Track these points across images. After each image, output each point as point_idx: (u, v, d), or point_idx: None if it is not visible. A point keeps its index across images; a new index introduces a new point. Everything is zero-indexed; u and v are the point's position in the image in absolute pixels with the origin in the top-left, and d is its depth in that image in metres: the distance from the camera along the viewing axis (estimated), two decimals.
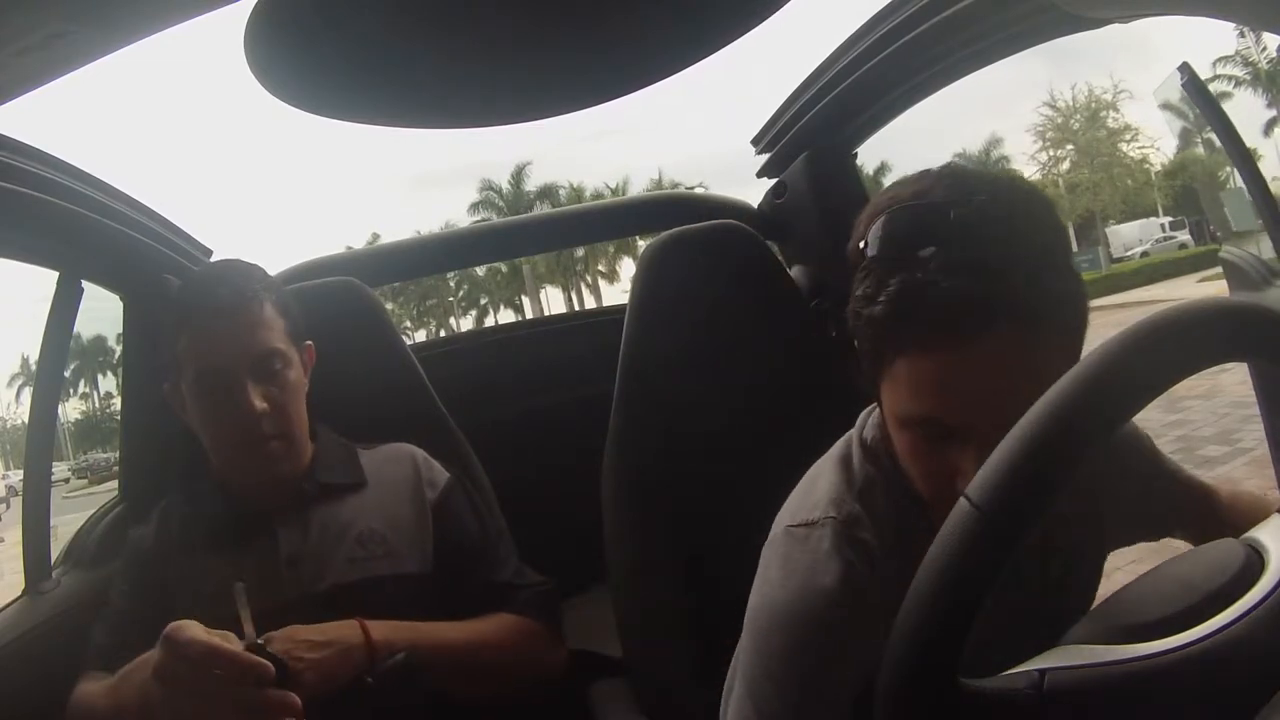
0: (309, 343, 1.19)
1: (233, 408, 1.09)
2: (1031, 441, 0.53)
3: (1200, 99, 1.52)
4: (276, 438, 1.11)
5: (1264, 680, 0.48)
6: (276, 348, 1.12)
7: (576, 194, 35.84)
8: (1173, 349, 0.55)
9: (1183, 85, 1.50)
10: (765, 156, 1.70)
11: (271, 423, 1.10)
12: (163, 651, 0.90)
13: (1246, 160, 1.64)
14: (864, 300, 0.71)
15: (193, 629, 0.90)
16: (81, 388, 35.11)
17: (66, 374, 2.31)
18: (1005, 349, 0.65)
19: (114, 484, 1.51)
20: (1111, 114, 28.84)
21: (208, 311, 1.10)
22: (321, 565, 1.11)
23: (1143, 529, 0.96)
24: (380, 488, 1.19)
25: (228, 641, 0.91)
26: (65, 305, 1.33)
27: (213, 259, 1.53)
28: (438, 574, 1.16)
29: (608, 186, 36.57)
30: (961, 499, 0.55)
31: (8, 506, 16.37)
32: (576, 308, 31.55)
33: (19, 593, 1.28)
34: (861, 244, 0.73)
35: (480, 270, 36.78)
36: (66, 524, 1.79)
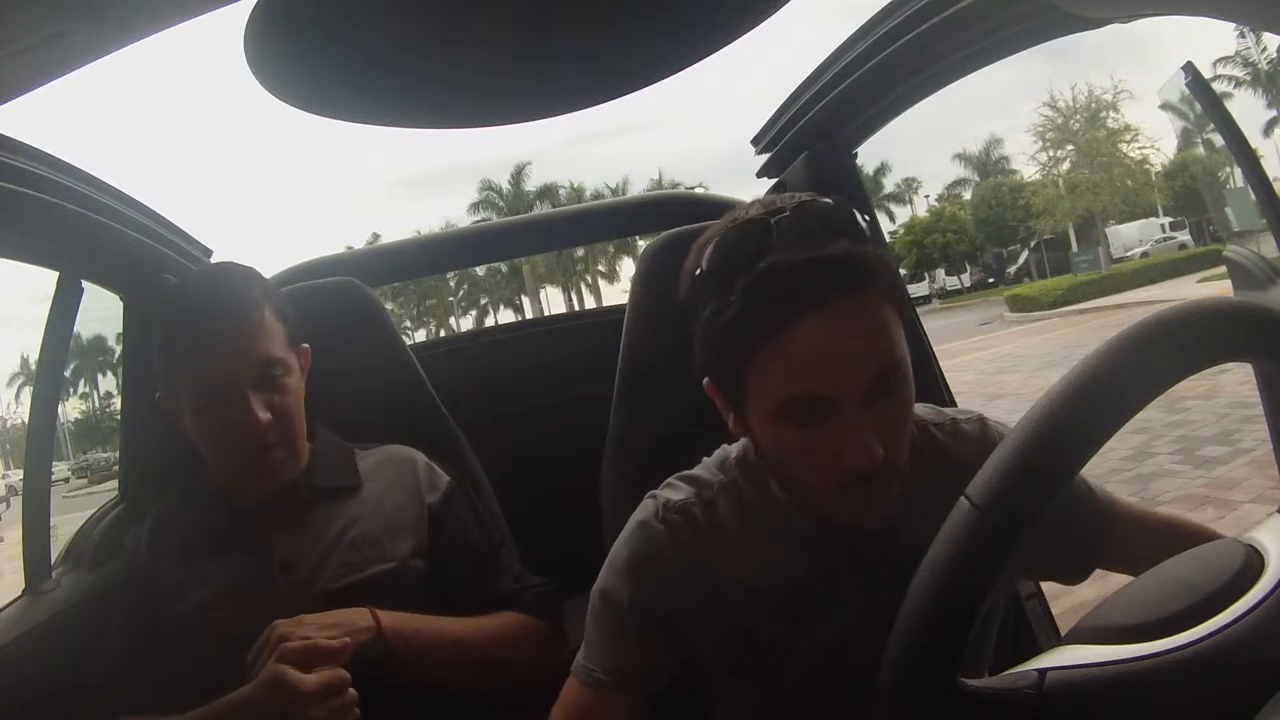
0: (305, 345, 1.19)
1: (237, 420, 1.07)
2: (1031, 441, 0.53)
3: (1204, 99, 1.51)
4: (279, 445, 1.11)
5: (1264, 680, 0.48)
6: (278, 356, 1.11)
7: (576, 194, 35.86)
8: (1173, 349, 0.55)
9: (1186, 85, 1.49)
10: (765, 156, 1.70)
11: (275, 432, 1.09)
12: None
13: (1251, 160, 1.63)
14: (715, 314, 0.76)
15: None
16: (81, 388, 35.14)
17: (66, 374, 2.31)
18: (848, 313, 0.73)
19: (114, 484, 1.51)
20: (1111, 114, 28.80)
21: (206, 320, 1.08)
22: (315, 569, 1.11)
23: (1054, 571, 0.95)
24: (377, 491, 1.18)
25: None
26: (65, 305, 1.33)
27: (212, 259, 1.53)
28: (435, 578, 1.16)
29: (608, 186, 36.61)
30: (962, 499, 0.55)
31: (8, 506, 16.37)
32: (576, 308, 31.55)
33: (19, 593, 1.27)
34: (697, 271, 0.79)
35: (480, 270, 36.81)
36: (66, 524, 1.79)
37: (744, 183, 1.95)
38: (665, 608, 0.85)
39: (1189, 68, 1.44)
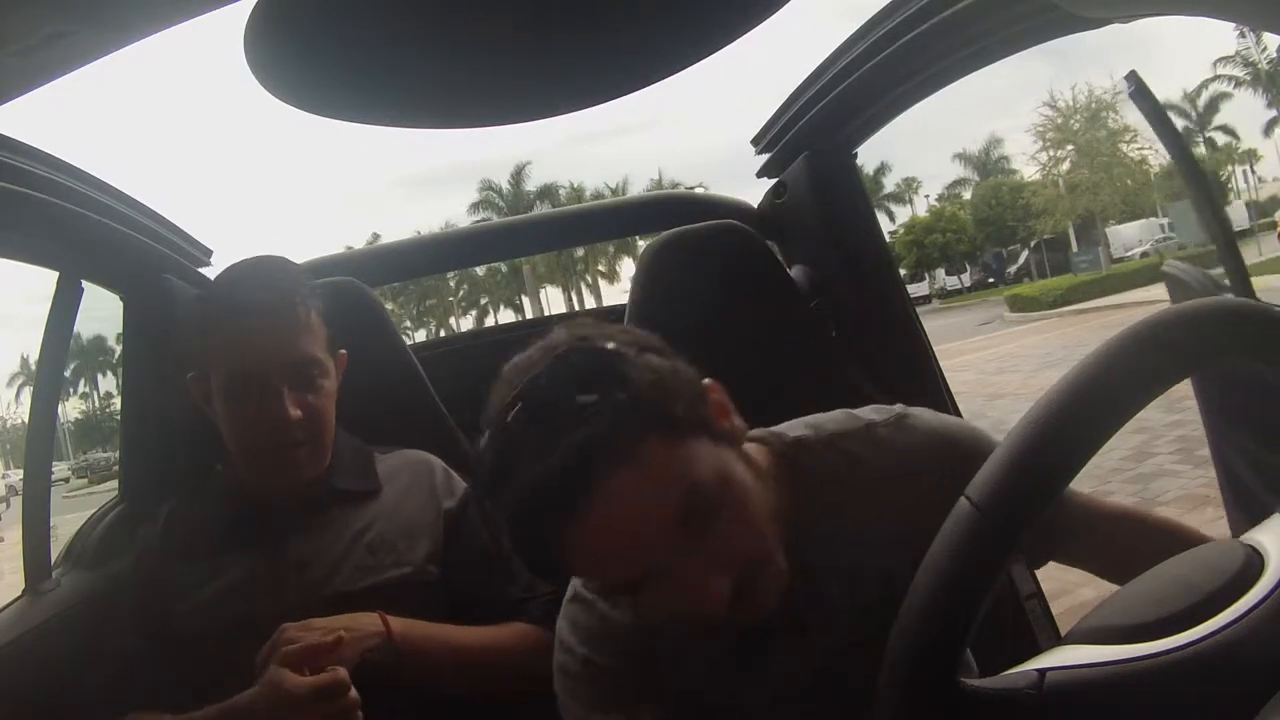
0: (342, 351, 1.18)
1: (266, 413, 1.07)
2: (1030, 441, 0.53)
3: (1148, 109, 1.50)
4: (306, 444, 1.11)
5: (1264, 680, 0.48)
6: (317, 356, 1.11)
7: (576, 194, 35.87)
8: (1173, 349, 0.55)
9: (1130, 95, 1.48)
10: (765, 156, 1.70)
11: (303, 430, 1.10)
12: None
13: (1196, 173, 1.59)
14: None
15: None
16: (81, 388, 35.13)
17: (66, 374, 2.31)
18: (599, 508, 0.66)
19: (114, 484, 1.51)
20: (1111, 114, 28.76)
21: (252, 309, 1.08)
22: (330, 571, 1.11)
23: None
24: (395, 495, 1.18)
25: None
26: (65, 305, 1.33)
27: (212, 259, 1.53)
28: (448, 584, 1.16)
29: (608, 186, 36.61)
30: (962, 499, 0.55)
31: (8, 506, 16.37)
32: (576, 308, 31.54)
33: (19, 593, 1.27)
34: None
35: (480, 270, 36.81)
36: (66, 524, 1.79)
37: (744, 183, 1.94)
38: (617, 663, 0.81)
39: (1132, 77, 1.43)
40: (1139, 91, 1.41)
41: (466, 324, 39.62)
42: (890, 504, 0.79)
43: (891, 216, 38.58)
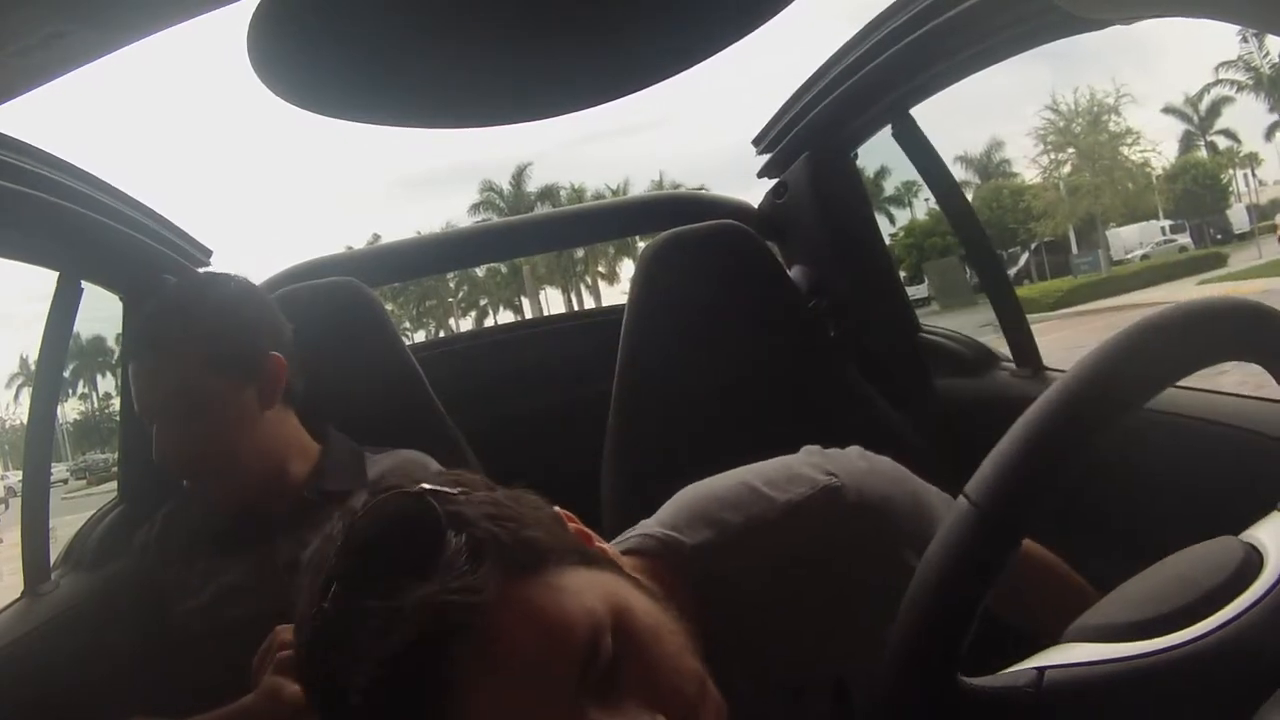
0: (274, 353, 1.15)
1: (162, 449, 1.11)
2: (1029, 439, 0.53)
3: (915, 151, 1.49)
4: (203, 476, 1.14)
5: (1263, 678, 0.48)
6: (196, 391, 1.10)
7: (577, 194, 35.86)
8: (1172, 348, 0.55)
9: (893, 135, 1.49)
10: (766, 157, 1.71)
11: (203, 462, 1.12)
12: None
13: (969, 221, 1.53)
14: None
15: None
16: (81, 388, 35.11)
17: (66, 374, 2.31)
18: (481, 692, 0.50)
19: (113, 484, 1.51)
20: (1113, 117, 28.80)
21: (133, 358, 1.13)
22: None
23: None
24: None
25: None
26: (65, 305, 1.33)
27: (213, 259, 1.53)
28: None
29: (608, 187, 36.63)
30: (960, 497, 0.55)
31: (6, 507, 16.36)
32: (576, 308, 31.56)
33: (18, 594, 1.27)
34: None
35: (480, 270, 36.80)
36: (66, 525, 1.79)
37: (745, 183, 1.94)
38: None
39: (903, 119, 1.44)
40: (904, 131, 1.41)
41: (466, 325, 39.67)
42: (829, 601, 0.69)
43: (892, 219, 38.49)
